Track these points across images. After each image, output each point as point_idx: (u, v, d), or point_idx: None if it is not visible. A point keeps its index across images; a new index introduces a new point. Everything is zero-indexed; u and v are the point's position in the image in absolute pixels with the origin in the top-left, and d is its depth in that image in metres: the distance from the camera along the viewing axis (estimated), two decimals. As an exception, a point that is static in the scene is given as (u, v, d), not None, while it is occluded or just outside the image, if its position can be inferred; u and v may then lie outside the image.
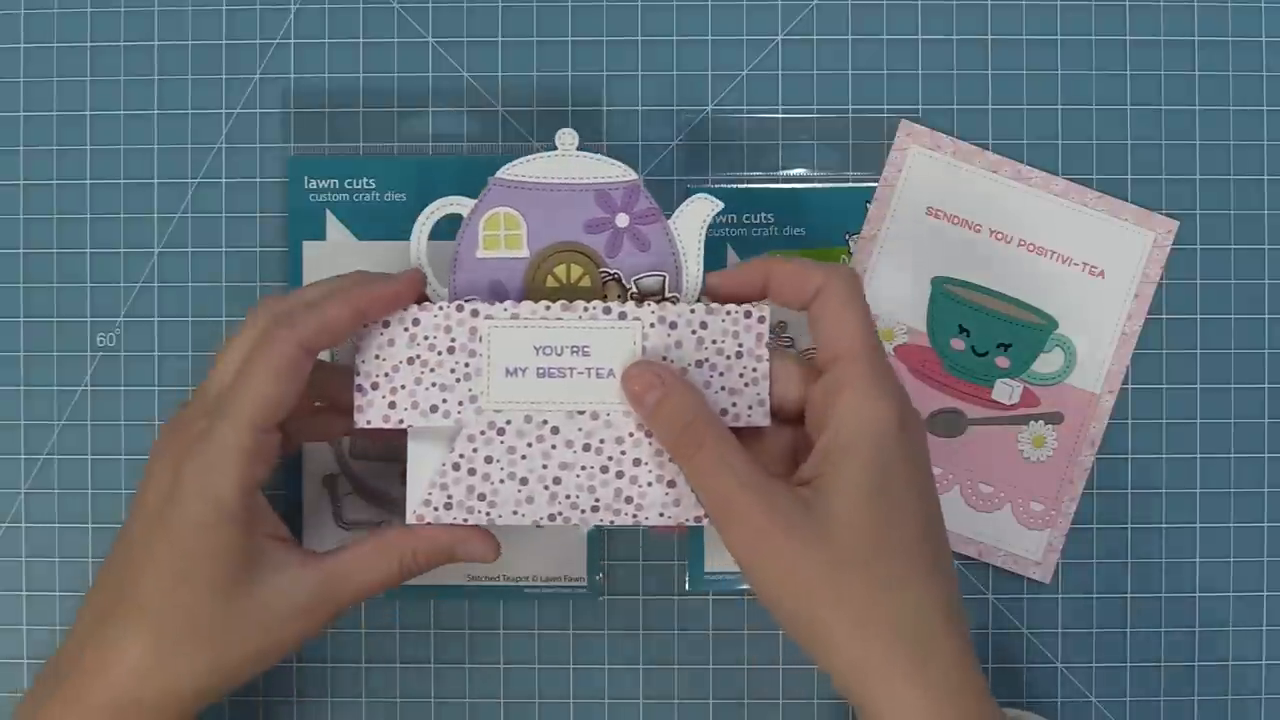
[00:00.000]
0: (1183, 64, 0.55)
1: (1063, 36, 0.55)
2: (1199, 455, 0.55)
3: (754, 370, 0.46)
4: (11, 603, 0.55)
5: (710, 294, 0.47)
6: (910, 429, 0.44)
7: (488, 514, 0.46)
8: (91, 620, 0.44)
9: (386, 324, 0.46)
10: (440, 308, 0.46)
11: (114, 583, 0.44)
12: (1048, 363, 0.55)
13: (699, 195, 0.48)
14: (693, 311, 0.46)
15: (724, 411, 0.46)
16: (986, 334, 0.55)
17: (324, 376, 0.48)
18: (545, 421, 0.45)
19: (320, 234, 0.54)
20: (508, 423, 0.45)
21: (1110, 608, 0.55)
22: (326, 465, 0.54)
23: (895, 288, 0.55)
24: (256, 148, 0.55)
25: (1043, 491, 0.54)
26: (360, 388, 0.46)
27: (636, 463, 0.45)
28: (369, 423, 0.46)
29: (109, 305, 0.55)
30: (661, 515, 0.46)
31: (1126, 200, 0.55)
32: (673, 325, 0.46)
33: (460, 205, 0.48)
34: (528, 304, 0.46)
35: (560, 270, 0.48)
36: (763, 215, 0.55)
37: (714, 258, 0.54)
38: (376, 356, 0.46)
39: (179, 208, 0.55)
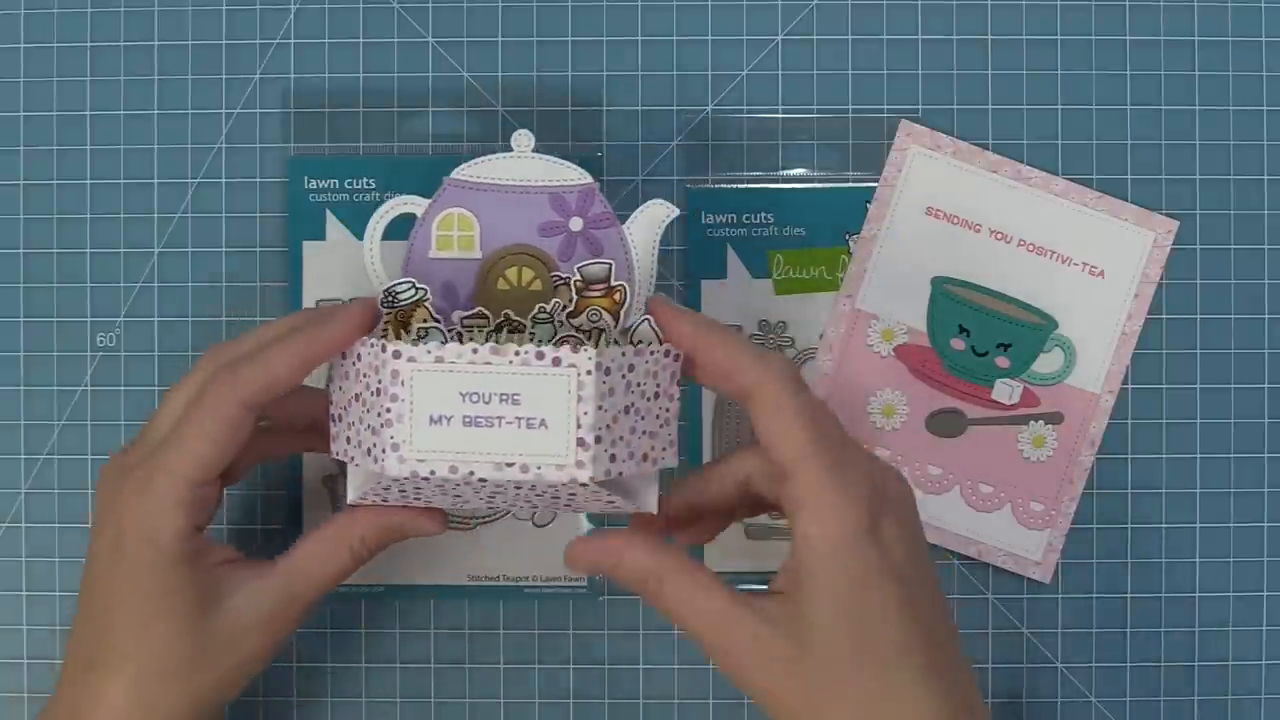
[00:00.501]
0: (1183, 64, 0.55)
1: (1063, 36, 0.55)
2: (1199, 455, 0.55)
3: (667, 410, 0.45)
4: (11, 603, 0.55)
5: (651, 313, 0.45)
6: (882, 529, 0.42)
7: (426, 504, 0.46)
8: (76, 668, 0.45)
9: (344, 355, 0.44)
10: (372, 344, 0.42)
11: (90, 630, 0.45)
12: (1048, 363, 0.55)
13: (655, 201, 0.48)
14: (624, 355, 0.43)
15: (644, 456, 0.44)
16: (986, 334, 0.55)
17: (307, 400, 0.49)
18: (472, 473, 0.42)
19: (320, 234, 0.54)
20: (431, 473, 0.42)
21: (1110, 608, 0.55)
22: (326, 465, 0.54)
23: (895, 288, 0.55)
24: (256, 148, 0.55)
25: (1043, 491, 0.54)
26: (332, 416, 0.45)
27: (573, 494, 0.44)
28: (339, 454, 0.45)
29: (109, 305, 0.55)
30: (601, 511, 0.46)
31: (1126, 200, 0.55)
32: (606, 371, 0.42)
33: (415, 205, 0.48)
34: (453, 346, 0.42)
35: (511, 273, 0.47)
36: (763, 215, 0.55)
37: (714, 258, 0.54)
38: (339, 388, 0.45)
39: (179, 208, 0.55)
